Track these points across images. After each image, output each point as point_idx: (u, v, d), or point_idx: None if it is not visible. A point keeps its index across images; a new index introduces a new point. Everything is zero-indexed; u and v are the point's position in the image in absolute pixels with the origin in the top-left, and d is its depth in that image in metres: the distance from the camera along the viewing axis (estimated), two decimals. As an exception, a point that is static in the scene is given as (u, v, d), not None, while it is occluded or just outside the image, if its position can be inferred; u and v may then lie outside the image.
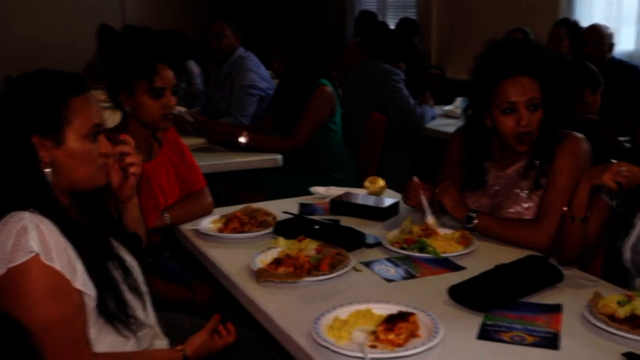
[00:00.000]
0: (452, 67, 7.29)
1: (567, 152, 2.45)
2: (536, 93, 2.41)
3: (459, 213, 2.47)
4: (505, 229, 2.43)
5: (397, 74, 4.84)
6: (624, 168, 2.03)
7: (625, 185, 2.03)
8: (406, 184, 2.60)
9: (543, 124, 2.44)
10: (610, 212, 2.26)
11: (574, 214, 2.18)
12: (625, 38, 5.84)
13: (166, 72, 2.55)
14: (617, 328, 1.76)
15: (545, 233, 2.36)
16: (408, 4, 8.46)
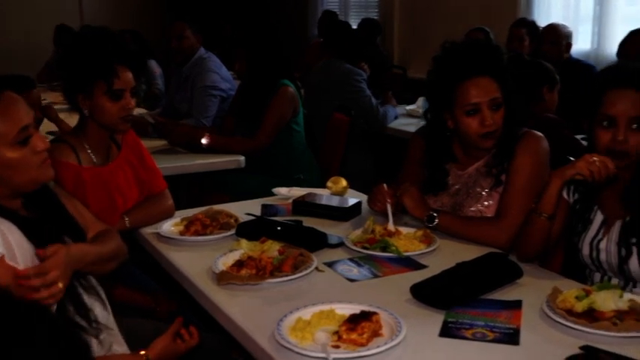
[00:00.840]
0: (414, 67, 7.33)
1: (527, 151, 2.47)
2: (497, 93, 2.44)
3: (420, 213, 2.49)
4: (466, 227, 2.45)
5: (359, 74, 4.86)
6: (596, 158, 2.06)
7: (597, 174, 2.06)
8: (373, 188, 2.61)
9: (505, 121, 2.47)
10: (569, 210, 2.29)
11: (542, 211, 2.20)
12: (582, 38, 5.92)
13: (125, 73, 2.52)
14: (575, 322, 1.78)
15: (506, 231, 2.39)
16: (370, 4, 8.49)
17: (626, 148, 2.08)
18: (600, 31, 5.76)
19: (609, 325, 1.76)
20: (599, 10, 5.78)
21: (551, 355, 1.64)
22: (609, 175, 2.07)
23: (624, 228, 2.16)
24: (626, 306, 1.84)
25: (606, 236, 2.21)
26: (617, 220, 2.18)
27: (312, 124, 4.42)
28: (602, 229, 2.22)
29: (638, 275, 2.16)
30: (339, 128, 4.30)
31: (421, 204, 2.51)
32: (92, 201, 2.44)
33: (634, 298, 1.91)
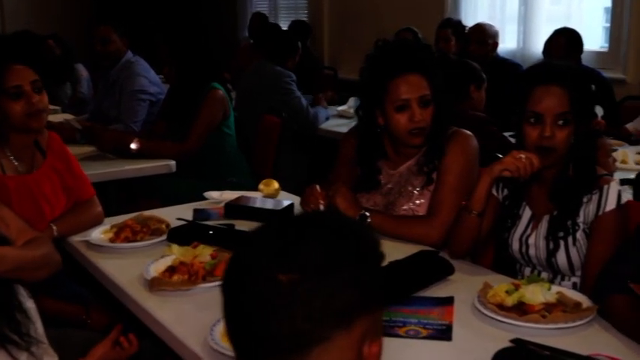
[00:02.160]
0: (344, 68, 7.37)
1: (457, 149, 2.50)
2: (426, 90, 2.46)
3: (353, 212, 2.50)
4: (398, 226, 2.46)
5: (289, 76, 4.85)
6: (522, 155, 2.10)
7: (522, 170, 2.10)
8: (306, 189, 2.61)
9: (434, 119, 2.50)
10: (499, 206, 2.33)
11: (472, 208, 2.23)
12: (509, 37, 6.05)
13: (19, 69, 2.46)
14: (506, 316, 1.82)
15: (438, 229, 2.41)
16: (300, 5, 8.51)
17: (552, 143, 2.12)
18: (526, 30, 5.90)
19: (538, 318, 1.80)
20: (524, 10, 5.91)
21: (482, 349, 1.66)
22: (534, 171, 2.11)
23: (551, 222, 2.21)
24: (554, 298, 1.88)
25: (535, 231, 2.25)
26: (545, 215, 2.23)
27: (244, 126, 4.40)
28: (531, 224, 2.27)
29: (565, 269, 2.21)
30: (270, 130, 4.30)
31: (353, 204, 2.51)
32: (18, 210, 2.36)
33: (561, 291, 1.96)
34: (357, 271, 0.97)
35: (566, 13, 5.81)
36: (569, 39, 4.84)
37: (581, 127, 2.16)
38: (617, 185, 2.13)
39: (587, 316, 1.83)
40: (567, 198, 2.18)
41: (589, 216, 2.14)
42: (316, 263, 0.95)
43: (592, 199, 2.14)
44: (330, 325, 0.95)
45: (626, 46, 5.30)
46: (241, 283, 0.99)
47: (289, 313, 0.94)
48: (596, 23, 5.67)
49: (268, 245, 1.00)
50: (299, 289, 0.94)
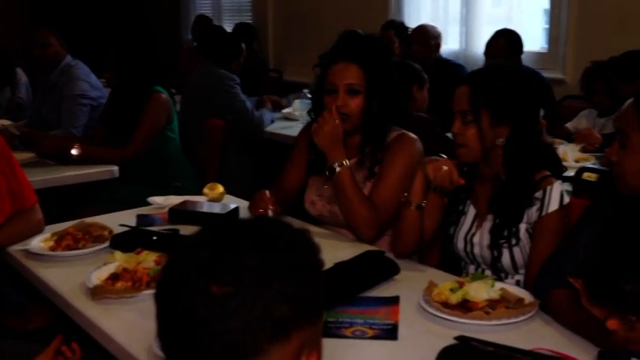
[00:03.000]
0: (289, 70, 7.38)
1: (400, 151, 2.52)
2: (356, 80, 2.47)
3: (333, 155, 2.48)
4: (353, 196, 2.45)
5: (233, 79, 4.83)
6: (445, 167, 2.17)
7: (440, 181, 2.18)
8: (255, 194, 2.59)
9: (367, 112, 2.50)
10: (444, 206, 2.36)
11: (411, 200, 2.27)
12: (452, 38, 6.12)
13: None
14: (450, 314, 1.84)
15: (372, 226, 2.44)
16: (244, 8, 8.48)
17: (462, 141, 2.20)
18: (467, 31, 5.96)
19: (482, 315, 1.82)
20: (465, 11, 5.98)
21: (428, 347, 1.67)
22: (454, 185, 2.19)
23: (492, 230, 2.24)
24: (497, 295, 1.91)
25: (479, 230, 2.28)
26: (489, 215, 2.26)
27: (188, 130, 4.36)
28: (475, 222, 2.30)
29: (509, 267, 2.24)
30: (214, 134, 4.27)
31: (339, 146, 2.49)
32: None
33: (504, 287, 1.99)
34: (294, 284, 0.94)
35: (506, 15, 5.90)
36: (509, 40, 4.93)
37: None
38: (559, 186, 2.16)
39: (530, 312, 1.86)
40: (505, 209, 2.21)
41: (532, 217, 2.17)
42: (251, 276, 0.93)
43: (535, 199, 2.17)
44: (266, 339, 0.92)
45: (564, 47, 5.41)
46: (173, 294, 0.96)
47: (223, 327, 0.91)
48: (536, 24, 5.76)
49: (201, 255, 0.96)
50: (233, 302, 0.91)
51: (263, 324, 0.91)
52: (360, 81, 2.48)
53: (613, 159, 1.79)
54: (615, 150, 1.78)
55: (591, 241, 1.92)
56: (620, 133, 1.78)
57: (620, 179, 1.79)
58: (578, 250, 1.94)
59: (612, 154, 1.79)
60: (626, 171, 1.76)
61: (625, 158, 1.75)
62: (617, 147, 1.78)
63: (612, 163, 1.80)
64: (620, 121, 1.79)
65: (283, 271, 0.95)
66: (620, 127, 1.78)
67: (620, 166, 1.77)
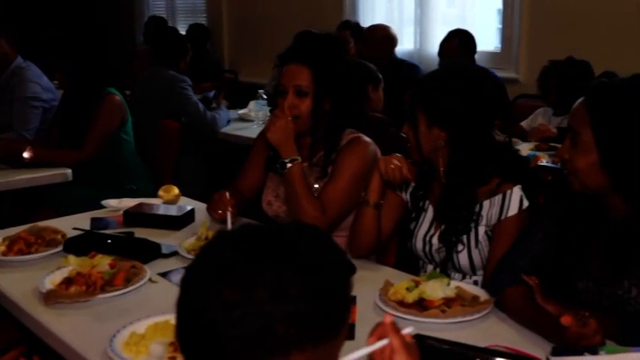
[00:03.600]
0: (245, 71, 7.36)
1: (352, 154, 2.51)
2: (304, 81, 2.46)
3: (287, 151, 2.47)
4: (302, 190, 2.44)
5: (184, 81, 4.78)
6: (395, 162, 2.19)
7: (391, 176, 2.19)
8: (214, 194, 2.57)
9: (318, 113, 2.49)
10: (403, 205, 2.37)
11: (368, 198, 2.28)
12: (407, 38, 6.16)
13: None
14: (407, 313, 1.85)
15: (322, 224, 2.42)
16: (198, 9, 8.43)
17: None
18: (422, 32, 6.02)
19: (438, 313, 1.84)
20: (420, 12, 6.03)
21: (385, 346, 1.67)
22: (404, 180, 2.21)
23: (441, 236, 2.26)
24: (453, 293, 1.93)
25: (438, 231, 2.29)
26: None
27: (143, 132, 4.31)
28: (434, 223, 2.31)
29: (467, 269, 2.26)
30: (169, 136, 4.23)
31: (290, 142, 2.48)
32: None
33: (460, 285, 2.01)
34: (304, 306, 0.93)
35: (461, 15, 5.96)
36: (463, 40, 4.98)
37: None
38: (519, 190, 2.16)
39: (485, 309, 1.89)
40: (450, 216, 2.23)
41: (492, 219, 2.19)
42: (262, 290, 0.92)
43: (495, 202, 2.18)
44: (264, 353, 0.92)
45: (517, 47, 5.48)
46: (191, 291, 0.97)
47: (227, 332, 0.92)
48: (490, 24, 5.83)
49: (224, 256, 0.97)
50: (237, 311, 0.91)
51: (262, 339, 0.91)
52: (308, 82, 2.46)
53: (564, 156, 1.81)
54: (567, 148, 1.81)
55: (544, 239, 1.95)
56: (571, 130, 1.81)
57: (571, 177, 1.82)
58: (531, 248, 1.97)
59: (564, 152, 1.82)
60: (577, 168, 1.79)
61: (576, 156, 1.78)
62: (568, 145, 1.81)
63: (564, 160, 1.83)
64: (571, 119, 1.82)
65: (298, 292, 0.93)
66: (571, 125, 1.81)
67: (571, 164, 1.80)
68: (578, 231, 1.87)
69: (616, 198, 1.78)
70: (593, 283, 1.85)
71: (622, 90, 1.76)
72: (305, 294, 0.93)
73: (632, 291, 1.77)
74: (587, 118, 1.75)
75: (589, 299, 1.86)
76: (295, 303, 0.92)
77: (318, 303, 0.95)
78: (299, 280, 0.94)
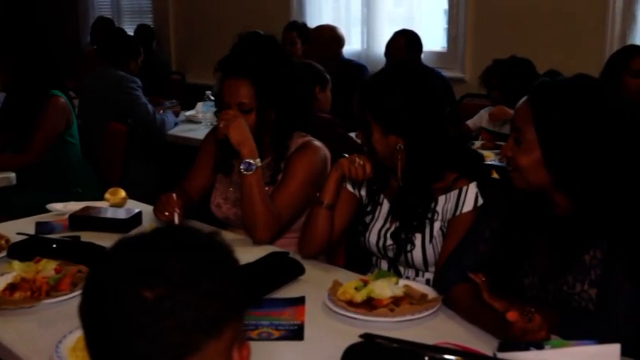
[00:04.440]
0: (192, 72, 7.30)
1: (303, 159, 2.51)
2: (247, 98, 2.44)
3: (246, 151, 2.43)
4: (260, 194, 2.42)
5: (133, 82, 4.74)
6: (358, 160, 2.18)
7: (354, 174, 2.19)
8: (161, 196, 2.54)
9: (264, 125, 2.47)
10: (356, 204, 2.38)
11: (322, 199, 2.28)
12: (354, 39, 6.18)
13: None
14: (355, 312, 1.86)
15: (269, 229, 2.44)
16: (144, 9, 8.34)
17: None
18: (369, 32, 6.05)
19: (386, 312, 1.85)
20: (367, 12, 6.06)
21: (334, 346, 1.67)
22: (366, 178, 2.21)
23: (393, 234, 2.28)
24: (401, 292, 1.94)
25: (393, 225, 2.31)
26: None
27: (89, 135, 4.26)
28: (389, 218, 2.33)
29: (420, 264, 2.28)
30: (116, 138, 4.18)
31: (251, 141, 2.44)
32: None
33: (409, 284, 2.02)
34: (220, 281, 0.98)
35: (408, 15, 6.01)
36: (409, 40, 5.02)
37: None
38: (475, 187, 2.20)
39: (433, 307, 1.90)
40: (406, 214, 2.25)
41: (447, 214, 2.21)
42: (181, 276, 0.95)
43: (450, 198, 2.21)
44: (202, 336, 0.94)
45: (463, 46, 5.56)
46: (104, 305, 0.97)
47: (159, 329, 0.93)
48: (437, 24, 5.89)
49: (128, 262, 0.98)
50: (168, 302, 0.93)
51: (198, 321, 0.94)
52: (250, 99, 2.44)
53: (508, 154, 1.84)
54: (510, 146, 1.84)
55: (490, 238, 1.98)
56: (514, 129, 1.83)
57: (514, 175, 1.85)
58: (478, 246, 1.99)
59: (507, 150, 1.84)
60: (521, 166, 1.81)
61: (519, 154, 1.81)
62: (512, 143, 1.83)
63: (508, 158, 1.85)
64: (515, 117, 1.85)
65: (209, 269, 0.98)
66: (514, 124, 1.84)
67: (515, 162, 1.82)
68: (523, 228, 1.90)
69: (559, 196, 1.81)
70: (538, 280, 1.88)
71: (565, 89, 1.78)
72: (216, 270, 0.98)
73: (576, 287, 1.80)
74: (530, 116, 1.77)
75: (534, 295, 1.89)
76: (213, 278, 0.97)
77: (230, 275, 1.00)
78: (204, 258, 0.99)
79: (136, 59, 5.00)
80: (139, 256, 0.98)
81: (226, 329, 0.97)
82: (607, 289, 1.74)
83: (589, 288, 1.78)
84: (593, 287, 1.77)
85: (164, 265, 0.96)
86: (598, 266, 1.77)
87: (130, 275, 0.95)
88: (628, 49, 3.87)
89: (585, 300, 1.79)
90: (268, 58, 2.49)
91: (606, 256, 1.76)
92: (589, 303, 1.78)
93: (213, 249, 1.02)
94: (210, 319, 0.95)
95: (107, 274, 0.98)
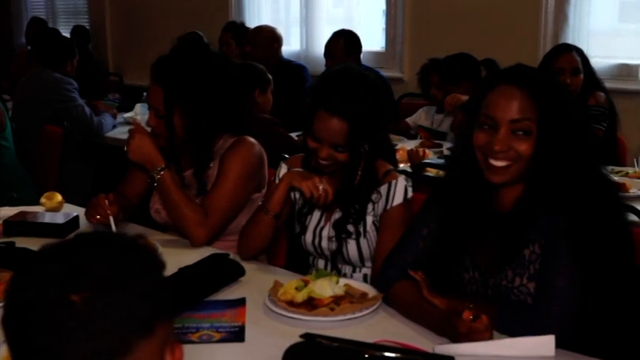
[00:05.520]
0: (130, 74, 7.20)
1: (235, 157, 2.48)
2: (158, 104, 2.43)
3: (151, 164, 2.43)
4: (177, 196, 2.42)
5: (69, 83, 4.65)
6: (322, 186, 2.16)
7: (315, 199, 2.17)
8: (93, 198, 2.50)
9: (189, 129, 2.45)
10: (290, 205, 2.38)
11: (269, 209, 2.26)
12: (294, 39, 6.19)
13: None
14: (296, 312, 1.86)
15: (208, 229, 2.43)
16: (80, 10, 8.20)
17: None
18: (308, 32, 6.06)
19: (327, 311, 1.85)
20: (305, 12, 6.07)
21: (275, 346, 1.67)
22: (326, 203, 2.20)
23: (335, 224, 2.29)
24: (342, 291, 1.95)
25: (327, 224, 2.32)
26: (337, 208, 2.31)
27: (23, 138, 4.16)
28: (324, 216, 2.34)
29: (356, 260, 2.30)
30: (52, 141, 4.09)
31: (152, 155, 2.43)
32: None
33: (349, 283, 2.03)
34: (148, 282, 0.97)
35: (347, 16, 6.05)
36: (348, 40, 5.05)
37: None
38: (404, 180, 2.25)
39: (373, 305, 1.91)
40: (351, 204, 2.27)
41: (379, 209, 2.25)
42: (108, 279, 0.94)
43: (381, 192, 2.24)
44: (133, 336, 0.94)
45: (401, 47, 5.62)
46: (29, 313, 0.94)
47: (89, 333, 0.91)
48: (376, 25, 5.93)
49: (53, 269, 0.95)
50: (97, 305, 0.91)
51: (129, 323, 0.93)
52: (160, 105, 2.43)
53: (504, 148, 1.77)
54: (506, 138, 1.77)
55: (429, 235, 2.00)
56: (512, 121, 1.77)
57: (503, 168, 1.80)
58: (417, 243, 2.02)
59: (504, 145, 1.77)
60: (519, 156, 1.77)
61: (520, 143, 1.77)
62: (509, 135, 1.77)
63: (504, 152, 1.78)
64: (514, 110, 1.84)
65: (136, 271, 0.97)
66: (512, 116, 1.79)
67: (515, 152, 1.78)
68: (463, 225, 1.92)
69: (512, 191, 1.84)
70: (479, 275, 1.91)
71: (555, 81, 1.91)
72: (143, 270, 0.98)
73: (515, 281, 1.84)
74: (534, 106, 1.75)
75: (474, 290, 1.92)
76: (141, 279, 0.96)
77: (157, 275, 1.00)
78: (130, 259, 0.98)
79: (71, 60, 4.91)
80: (63, 261, 0.96)
81: (158, 330, 0.96)
82: (544, 282, 1.78)
83: (528, 282, 1.82)
84: (532, 281, 1.81)
85: (90, 268, 0.95)
86: (537, 261, 1.81)
87: (55, 280, 0.94)
88: (555, 48, 3.98)
89: (524, 294, 1.83)
90: (179, 62, 2.46)
91: (543, 250, 1.80)
92: (527, 297, 1.82)
93: (139, 251, 1.01)
94: (141, 320, 0.94)
95: (30, 282, 0.96)
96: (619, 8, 4.95)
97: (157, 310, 0.97)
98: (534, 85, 1.78)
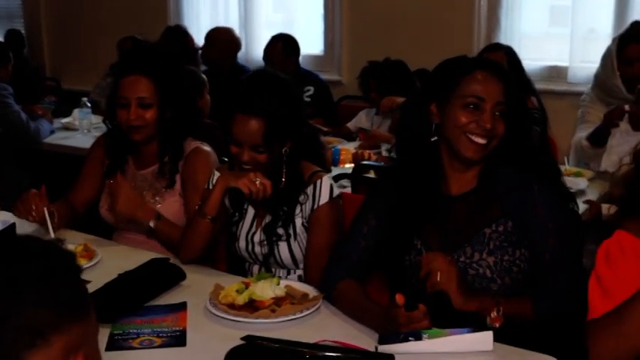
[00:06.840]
0: (68, 78, 7.08)
1: (201, 167, 2.52)
2: (147, 93, 2.47)
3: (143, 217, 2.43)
4: (175, 232, 2.43)
5: (4, 89, 4.55)
6: (259, 180, 2.17)
7: (254, 194, 2.18)
8: (22, 195, 2.45)
9: (161, 122, 2.50)
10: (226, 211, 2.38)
11: (206, 213, 2.26)
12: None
13: None
14: (237, 315, 1.87)
15: None
16: (14, 14, 8.01)
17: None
18: (247, 35, 6.05)
19: (268, 313, 1.87)
20: (244, 16, 6.06)
21: (216, 350, 1.68)
22: (267, 197, 2.21)
23: (265, 228, 2.31)
24: (282, 292, 1.97)
25: (259, 229, 2.33)
26: (267, 214, 2.32)
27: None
28: (255, 221, 2.35)
29: (289, 263, 2.32)
30: (-13, 147, 4.02)
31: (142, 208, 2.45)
32: None
33: (290, 284, 2.06)
34: (50, 288, 0.95)
35: (286, 20, 6.07)
36: (286, 44, 5.06)
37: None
38: (329, 179, 2.28)
39: (314, 305, 1.94)
40: (279, 207, 2.29)
41: (306, 210, 2.27)
42: (3, 287, 0.93)
43: (307, 194, 2.26)
44: (23, 346, 0.92)
45: (340, 50, 5.68)
46: None
47: None
48: (316, 28, 5.94)
49: None
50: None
51: (20, 332, 0.92)
52: (150, 94, 2.47)
53: (487, 126, 1.91)
54: (490, 119, 1.92)
55: (370, 231, 2.05)
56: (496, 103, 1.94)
57: (486, 146, 1.94)
58: (359, 241, 2.06)
59: (487, 122, 1.92)
60: (500, 134, 1.94)
61: (499, 123, 1.94)
62: (492, 117, 1.93)
63: (488, 130, 1.92)
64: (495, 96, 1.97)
65: (37, 278, 0.95)
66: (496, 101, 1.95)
67: (496, 131, 1.94)
68: (415, 208, 1.99)
69: (470, 172, 1.99)
70: None
71: None
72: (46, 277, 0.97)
73: (474, 256, 1.94)
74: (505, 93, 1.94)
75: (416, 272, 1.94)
76: (40, 287, 0.95)
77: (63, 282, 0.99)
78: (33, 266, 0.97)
79: (6, 66, 4.82)
80: None
81: (56, 338, 0.94)
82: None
83: (487, 256, 1.93)
84: (491, 256, 1.93)
85: None
86: (498, 238, 1.93)
87: None
88: (486, 47, 4.15)
89: (483, 267, 1.93)
90: (167, 57, 2.56)
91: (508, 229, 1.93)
92: (487, 269, 1.93)
93: (46, 257, 0.99)
94: (35, 329, 0.93)
95: None
96: (549, 13, 5.11)
97: (54, 320, 0.95)
98: (505, 73, 1.99)
